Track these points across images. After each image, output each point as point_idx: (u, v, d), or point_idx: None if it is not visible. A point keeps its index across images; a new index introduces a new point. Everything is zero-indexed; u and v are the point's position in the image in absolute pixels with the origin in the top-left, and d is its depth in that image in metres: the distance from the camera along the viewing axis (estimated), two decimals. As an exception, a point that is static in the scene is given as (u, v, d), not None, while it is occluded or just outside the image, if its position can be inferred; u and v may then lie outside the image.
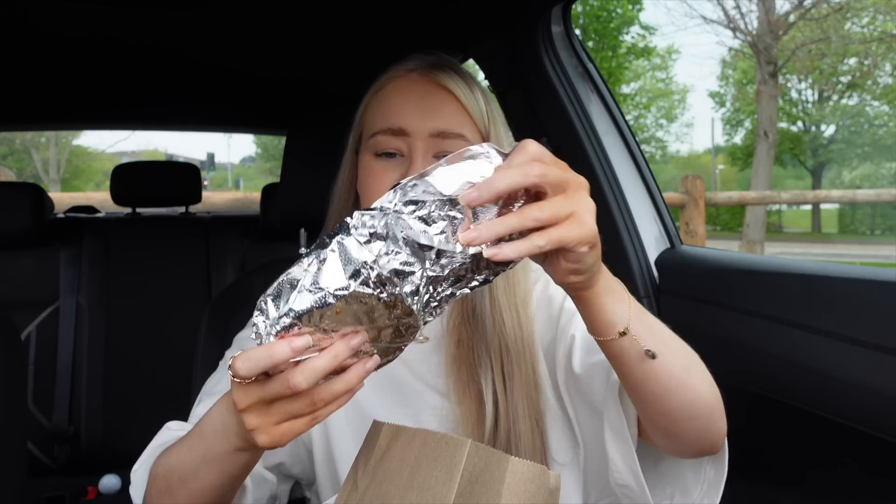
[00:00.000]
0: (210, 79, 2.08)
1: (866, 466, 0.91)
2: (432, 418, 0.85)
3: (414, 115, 0.82)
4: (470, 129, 0.84)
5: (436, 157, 0.82)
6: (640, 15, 16.32)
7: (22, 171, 20.68)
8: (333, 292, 0.54)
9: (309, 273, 0.55)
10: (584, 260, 0.58)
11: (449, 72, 0.85)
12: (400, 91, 0.85)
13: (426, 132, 0.82)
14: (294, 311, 0.55)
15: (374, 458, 0.66)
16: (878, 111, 18.80)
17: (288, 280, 0.57)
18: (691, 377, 0.69)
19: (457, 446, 0.61)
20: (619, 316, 0.64)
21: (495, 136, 0.86)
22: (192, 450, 0.68)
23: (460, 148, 0.68)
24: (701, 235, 5.21)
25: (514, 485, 0.60)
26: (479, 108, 0.85)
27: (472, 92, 0.85)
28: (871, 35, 14.96)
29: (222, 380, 0.88)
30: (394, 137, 0.82)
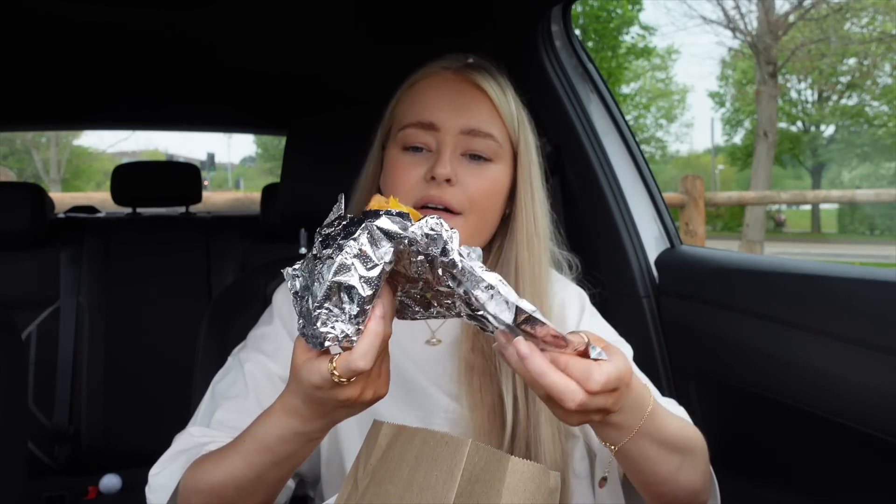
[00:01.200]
0: (211, 79, 2.08)
1: (866, 466, 0.91)
2: (444, 422, 0.85)
3: (445, 111, 0.83)
4: (499, 129, 0.84)
5: (463, 156, 0.83)
6: (639, 15, 16.32)
7: (22, 172, 20.66)
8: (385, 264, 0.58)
9: (356, 261, 0.58)
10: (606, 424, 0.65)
11: (483, 72, 0.86)
12: (433, 87, 0.85)
13: (457, 128, 0.83)
14: (364, 298, 0.58)
15: (375, 458, 0.66)
16: (878, 111, 18.78)
17: (336, 281, 0.58)
18: (678, 475, 0.73)
19: (457, 446, 0.61)
20: (621, 434, 0.68)
21: (524, 141, 0.87)
22: (251, 464, 0.69)
23: (490, 148, 0.83)
24: (701, 235, 5.21)
25: (514, 484, 0.60)
26: (511, 112, 0.86)
27: (505, 94, 0.86)
28: (870, 35, 14.96)
29: (237, 382, 0.86)
30: (423, 132, 0.83)
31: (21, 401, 1.25)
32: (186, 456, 0.78)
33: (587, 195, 1.39)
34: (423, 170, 0.82)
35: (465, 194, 0.82)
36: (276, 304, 0.93)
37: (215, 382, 0.89)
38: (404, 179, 0.83)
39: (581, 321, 0.92)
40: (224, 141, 44.96)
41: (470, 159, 0.84)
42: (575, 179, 1.41)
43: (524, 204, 0.86)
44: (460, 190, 0.82)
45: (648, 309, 1.29)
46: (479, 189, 0.83)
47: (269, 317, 0.93)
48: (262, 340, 0.90)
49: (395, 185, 0.84)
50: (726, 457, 1.14)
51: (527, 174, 0.86)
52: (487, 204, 0.84)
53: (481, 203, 0.83)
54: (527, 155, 0.87)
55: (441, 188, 0.81)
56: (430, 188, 0.81)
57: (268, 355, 0.87)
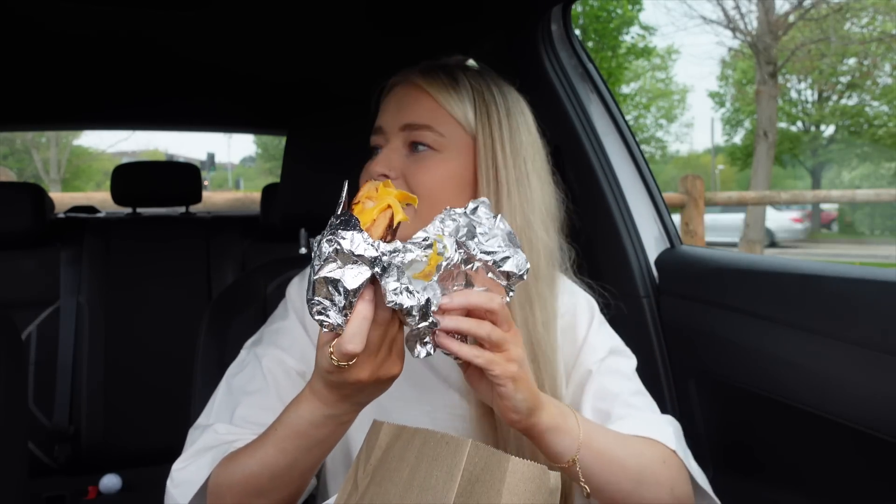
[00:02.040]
0: (210, 79, 2.08)
1: (866, 466, 0.91)
2: (450, 418, 0.86)
3: (389, 113, 0.89)
4: (443, 122, 0.87)
5: (410, 150, 0.87)
6: (639, 15, 16.29)
7: (22, 172, 20.65)
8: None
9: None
10: (513, 397, 0.69)
11: (433, 74, 0.89)
12: (387, 97, 0.92)
13: (396, 126, 0.87)
14: (349, 291, 0.62)
15: (375, 458, 0.66)
16: (878, 111, 18.75)
17: (323, 277, 0.63)
18: (641, 488, 0.77)
19: (457, 446, 0.61)
20: (564, 448, 0.73)
21: (486, 134, 0.87)
22: (285, 450, 0.72)
23: (430, 139, 0.86)
24: (701, 235, 5.21)
25: (515, 484, 0.60)
26: (462, 108, 0.88)
27: (456, 92, 0.88)
28: (870, 35, 14.96)
29: (255, 377, 0.88)
30: (376, 136, 0.90)
31: (21, 401, 1.25)
32: (213, 453, 0.79)
33: (587, 195, 1.39)
34: (378, 167, 0.87)
35: (407, 187, 0.85)
36: (290, 297, 0.95)
37: (230, 376, 0.90)
38: (366, 176, 0.88)
39: (590, 330, 0.93)
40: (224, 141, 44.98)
41: (413, 151, 0.87)
42: (575, 179, 1.41)
43: (482, 193, 0.86)
44: (402, 184, 0.85)
45: (648, 309, 1.29)
46: (423, 180, 0.85)
47: (283, 311, 0.95)
48: (277, 335, 0.92)
49: (361, 182, 0.88)
50: (726, 457, 1.14)
51: (487, 164, 0.86)
52: (438, 194, 0.85)
53: (428, 193, 0.84)
54: (489, 149, 0.87)
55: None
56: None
57: (284, 350, 0.89)
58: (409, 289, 0.63)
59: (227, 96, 2.30)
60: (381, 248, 0.61)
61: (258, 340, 0.94)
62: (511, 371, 0.68)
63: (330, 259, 0.61)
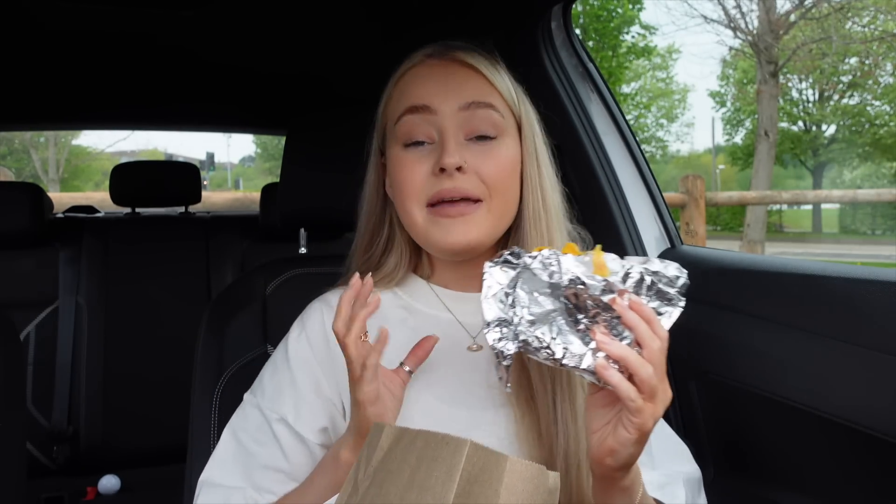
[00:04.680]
0: (210, 78, 2.08)
1: (866, 466, 0.90)
2: (485, 433, 0.79)
3: (438, 93, 0.78)
4: (498, 100, 0.80)
5: (468, 140, 0.78)
6: (640, 14, 16.31)
7: (21, 171, 20.67)
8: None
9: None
10: (628, 448, 0.64)
11: (468, 49, 0.82)
12: (420, 74, 0.81)
13: (454, 107, 0.78)
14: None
15: (376, 459, 0.66)
16: (879, 111, 18.76)
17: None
18: None
19: (457, 446, 0.61)
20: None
21: (525, 114, 0.83)
22: (318, 489, 0.75)
23: (493, 121, 0.79)
24: (701, 235, 5.21)
25: (513, 484, 0.60)
26: (506, 84, 0.82)
27: (496, 68, 0.82)
28: (871, 34, 14.95)
29: (267, 443, 0.82)
30: (420, 119, 0.78)
31: (20, 401, 1.25)
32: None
33: (587, 195, 1.38)
34: (429, 163, 0.77)
35: (480, 179, 0.77)
36: (310, 324, 0.87)
37: (238, 430, 0.84)
38: (411, 177, 0.78)
39: None
40: (223, 141, 45.01)
41: (476, 141, 0.79)
42: (575, 179, 1.40)
43: (530, 179, 0.81)
44: (474, 176, 0.77)
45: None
46: (492, 170, 0.78)
47: (283, 362, 0.86)
48: (281, 390, 0.84)
49: (402, 186, 0.79)
50: (727, 457, 1.14)
51: (531, 147, 0.82)
52: (505, 184, 0.79)
53: (499, 185, 0.78)
54: (530, 128, 0.83)
55: (453, 179, 0.76)
56: (441, 181, 0.76)
57: (293, 417, 0.82)
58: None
59: (226, 96, 2.30)
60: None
61: (262, 390, 0.86)
62: (647, 427, 0.63)
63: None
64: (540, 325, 0.64)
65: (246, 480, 0.80)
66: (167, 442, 2.07)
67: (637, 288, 0.65)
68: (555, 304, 0.64)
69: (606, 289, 0.63)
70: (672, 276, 0.65)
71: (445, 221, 0.77)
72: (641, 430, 0.63)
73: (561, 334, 0.64)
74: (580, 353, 0.64)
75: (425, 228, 0.79)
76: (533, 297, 0.64)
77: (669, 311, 0.66)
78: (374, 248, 0.88)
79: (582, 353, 0.64)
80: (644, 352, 0.63)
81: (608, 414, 0.66)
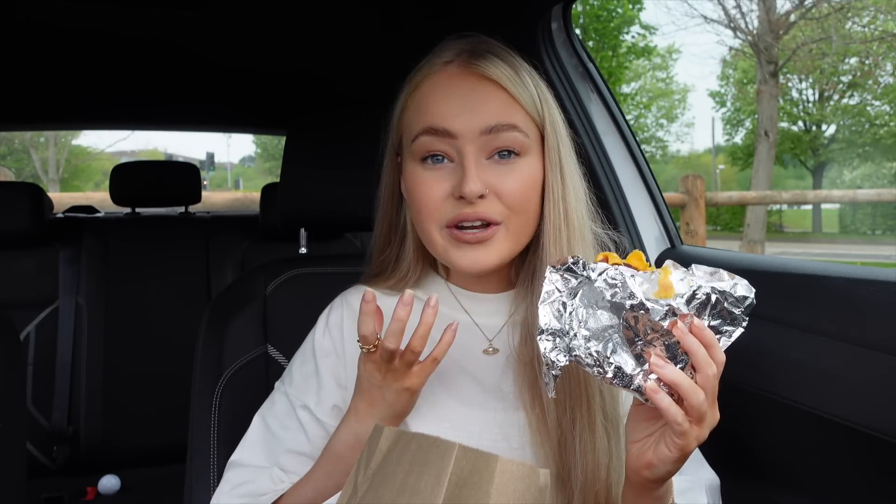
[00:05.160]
0: (210, 78, 2.08)
1: (866, 466, 0.90)
2: (498, 436, 0.79)
3: (458, 114, 0.75)
4: (522, 118, 0.77)
5: (489, 158, 0.76)
6: (640, 14, 16.31)
7: (21, 171, 20.67)
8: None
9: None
10: (667, 465, 0.65)
11: (490, 58, 0.77)
12: (439, 87, 0.77)
13: (475, 131, 0.74)
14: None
15: (375, 462, 0.66)
16: (879, 111, 18.76)
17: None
18: None
19: (446, 450, 0.61)
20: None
21: (549, 121, 0.79)
22: (330, 473, 0.77)
23: (515, 141, 0.77)
24: (701, 235, 5.21)
25: (503, 484, 0.60)
26: (530, 94, 0.78)
27: (520, 76, 0.78)
28: (871, 34, 14.94)
29: (292, 428, 0.84)
30: (438, 140, 0.75)
31: (20, 401, 1.24)
32: (244, 491, 0.83)
33: (587, 195, 1.38)
34: (448, 185, 0.75)
35: (501, 202, 0.75)
36: (331, 323, 0.89)
37: (267, 416, 0.87)
38: (430, 197, 0.76)
39: None
40: (223, 141, 45.01)
41: (497, 160, 0.76)
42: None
43: (552, 193, 0.78)
44: (494, 199, 0.75)
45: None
46: (514, 192, 0.75)
47: (309, 353, 0.89)
48: (307, 381, 0.87)
49: (419, 205, 0.77)
50: (727, 457, 1.14)
51: (555, 158, 0.79)
52: (526, 204, 0.77)
53: (520, 205, 0.76)
54: (554, 136, 0.79)
55: (474, 205, 0.74)
56: (461, 206, 0.74)
57: (315, 404, 0.85)
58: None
59: (226, 96, 2.30)
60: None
61: (291, 381, 0.88)
62: (690, 448, 0.63)
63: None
64: (595, 341, 0.63)
65: (272, 462, 0.83)
66: (167, 442, 2.07)
67: (701, 309, 0.63)
68: (612, 320, 0.63)
69: (668, 313, 0.62)
70: (740, 297, 0.64)
71: (465, 246, 0.76)
72: (683, 451, 0.63)
73: (615, 353, 0.63)
74: (632, 373, 0.63)
75: (444, 248, 0.78)
76: (591, 312, 0.63)
77: (731, 330, 0.65)
78: (389, 249, 0.88)
79: (633, 374, 0.63)
80: (698, 377, 0.62)
81: (650, 427, 0.66)
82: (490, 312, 0.85)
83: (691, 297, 0.62)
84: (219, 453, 1.02)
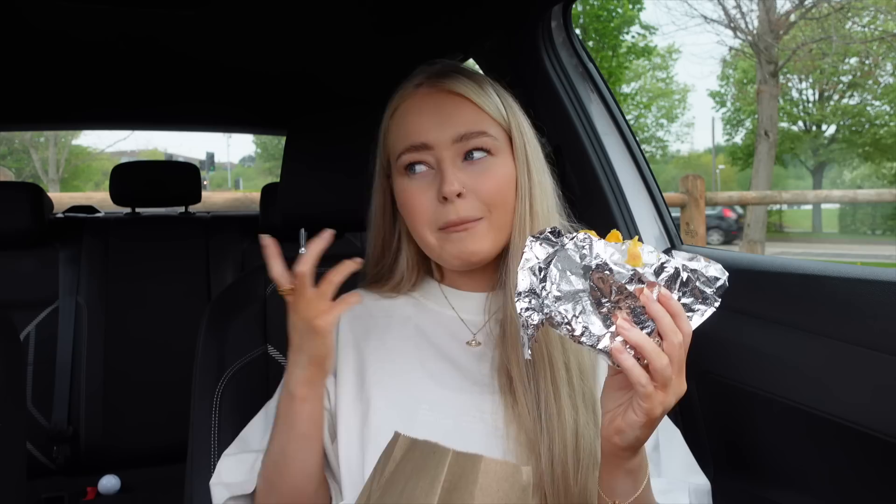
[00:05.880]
0: (210, 78, 2.08)
1: (866, 466, 0.90)
2: (478, 428, 0.84)
3: (431, 127, 0.84)
4: (489, 123, 0.86)
5: (465, 161, 0.85)
6: (640, 14, 16.30)
7: (21, 171, 20.67)
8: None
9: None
10: (635, 430, 0.68)
11: (455, 76, 0.87)
12: (414, 108, 0.87)
13: (448, 140, 0.84)
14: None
15: (388, 470, 0.67)
16: (880, 111, 18.76)
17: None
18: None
19: (441, 457, 0.62)
20: (620, 492, 0.73)
21: (515, 125, 0.88)
22: (274, 436, 0.83)
23: (486, 145, 0.86)
24: (701, 235, 5.21)
25: (487, 485, 0.61)
26: (495, 103, 0.87)
27: (483, 89, 0.87)
28: (871, 34, 14.95)
29: None
30: (418, 153, 0.85)
31: (20, 401, 1.24)
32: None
33: (587, 195, 1.38)
34: (432, 190, 0.84)
35: (478, 199, 0.84)
36: None
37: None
38: (419, 206, 0.85)
39: None
40: (223, 141, 45.03)
41: (471, 161, 0.85)
42: (575, 179, 1.40)
43: (521, 188, 0.87)
44: (473, 197, 0.84)
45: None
46: (489, 189, 0.84)
47: None
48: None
49: (412, 214, 0.87)
50: (727, 457, 1.14)
51: (522, 157, 0.88)
52: (503, 199, 0.86)
53: (497, 201, 0.85)
54: (520, 138, 0.88)
55: (455, 205, 0.83)
56: (446, 211, 0.84)
57: None
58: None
59: (226, 96, 2.30)
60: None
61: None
62: (655, 413, 0.67)
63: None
64: (565, 301, 0.67)
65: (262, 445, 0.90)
66: (167, 442, 2.07)
67: (670, 282, 0.67)
68: (583, 284, 0.67)
69: (634, 278, 0.65)
70: (711, 277, 0.67)
71: (455, 236, 0.85)
72: (649, 416, 0.67)
73: (584, 314, 0.67)
74: (599, 333, 0.67)
75: (439, 247, 0.86)
76: (564, 275, 0.67)
77: (703, 309, 0.68)
78: (385, 259, 0.97)
79: (601, 335, 0.67)
80: (664, 344, 0.66)
81: (622, 397, 0.70)
82: (476, 309, 0.93)
83: (660, 269, 0.66)
84: (219, 453, 1.01)
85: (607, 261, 0.66)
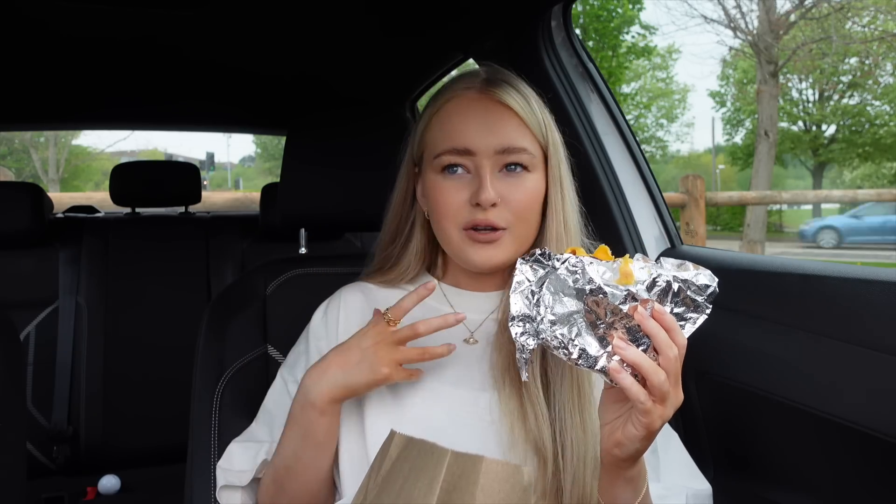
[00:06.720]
0: (210, 78, 2.08)
1: (866, 466, 0.90)
2: (474, 425, 0.86)
3: (476, 134, 0.86)
4: (530, 141, 0.88)
5: (501, 171, 0.87)
6: (640, 14, 16.29)
7: (21, 171, 20.67)
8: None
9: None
10: (634, 442, 0.69)
11: (505, 87, 0.89)
12: (460, 110, 0.88)
13: (491, 150, 0.86)
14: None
15: (385, 468, 0.67)
16: (879, 111, 18.74)
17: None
18: None
19: (440, 457, 0.62)
20: (621, 501, 0.75)
21: (552, 143, 0.90)
22: (289, 437, 0.85)
23: (524, 161, 0.89)
24: (701, 235, 5.21)
25: (489, 485, 0.61)
26: (538, 120, 0.89)
27: (529, 104, 0.89)
28: (871, 34, 14.94)
29: (297, 366, 0.96)
30: (459, 156, 0.87)
31: (20, 401, 1.24)
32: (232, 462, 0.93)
33: (587, 195, 1.38)
34: (465, 193, 0.86)
35: (508, 210, 0.86)
36: (313, 324, 0.99)
37: (268, 396, 0.98)
38: (450, 203, 0.87)
39: None
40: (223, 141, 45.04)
41: (508, 172, 0.87)
42: (575, 179, 1.40)
43: (554, 204, 0.90)
44: (504, 207, 0.86)
45: (649, 309, 1.28)
46: (520, 202, 0.87)
47: (303, 336, 1.00)
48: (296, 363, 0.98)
49: (440, 209, 0.88)
50: (727, 457, 1.14)
51: (556, 174, 0.90)
52: (529, 213, 0.88)
53: (524, 214, 0.87)
54: (555, 156, 0.91)
55: (486, 211, 0.85)
56: (475, 212, 0.86)
57: (300, 376, 0.93)
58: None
59: (226, 96, 2.30)
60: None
61: (288, 364, 0.99)
62: (654, 426, 0.68)
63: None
64: (560, 325, 0.67)
65: (270, 436, 0.93)
66: (167, 442, 2.07)
67: (662, 296, 0.67)
68: (577, 305, 0.67)
69: (628, 298, 0.66)
70: (701, 285, 0.68)
71: (477, 245, 0.88)
72: (649, 429, 0.68)
73: (580, 336, 0.67)
74: (596, 354, 0.67)
75: (459, 247, 0.89)
76: (557, 298, 0.68)
77: (695, 317, 0.69)
78: (393, 246, 0.98)
79: (597, 355, 0.67)
80: (660, 358, 0.67)
81: (620, 409, 0.71)
82: (475, 308, 0.95)
83: (652, 284, 0.67)
84: (219, 453, 1.02)
85: (600, 284, 0.66)
